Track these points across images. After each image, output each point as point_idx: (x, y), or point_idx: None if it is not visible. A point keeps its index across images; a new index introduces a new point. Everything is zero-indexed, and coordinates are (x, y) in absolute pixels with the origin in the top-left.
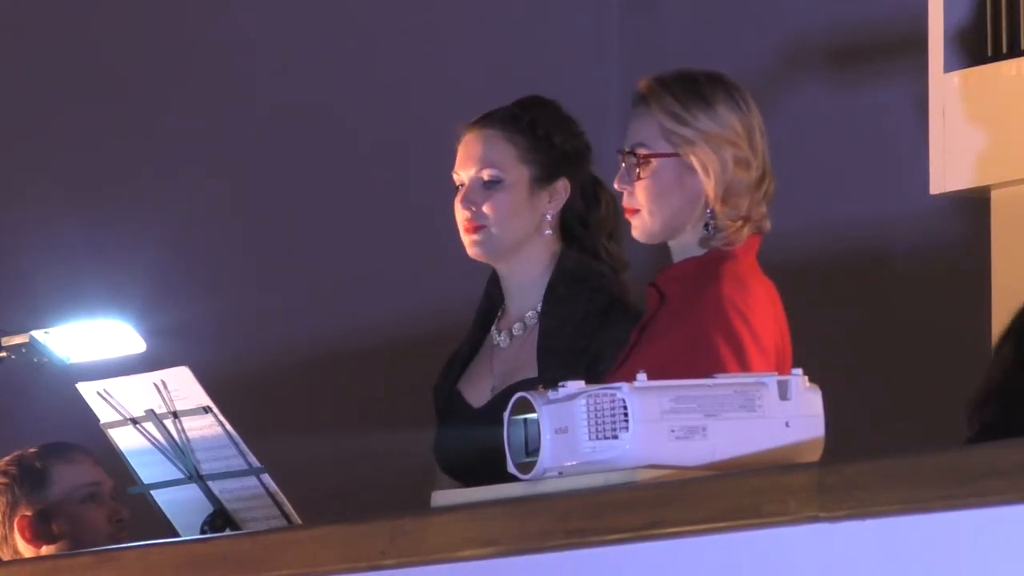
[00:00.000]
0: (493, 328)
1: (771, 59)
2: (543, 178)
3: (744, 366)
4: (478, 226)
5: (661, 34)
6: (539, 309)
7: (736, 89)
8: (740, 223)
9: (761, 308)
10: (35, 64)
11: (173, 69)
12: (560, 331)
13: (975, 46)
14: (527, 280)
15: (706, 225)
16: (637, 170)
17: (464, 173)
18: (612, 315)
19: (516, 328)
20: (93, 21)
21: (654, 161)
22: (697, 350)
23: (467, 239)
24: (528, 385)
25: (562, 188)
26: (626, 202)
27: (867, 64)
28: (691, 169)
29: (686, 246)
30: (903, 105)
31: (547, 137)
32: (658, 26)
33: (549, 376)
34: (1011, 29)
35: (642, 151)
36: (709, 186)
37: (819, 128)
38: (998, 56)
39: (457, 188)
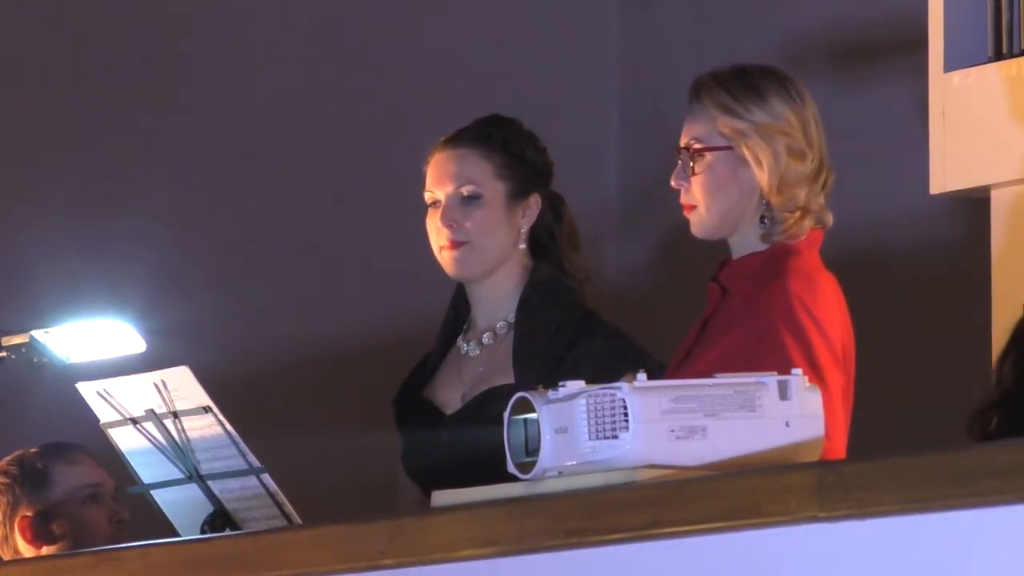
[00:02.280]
0: (460, 339)
1: (771, 59)
2: (518, 193)
3: (811, 361)
4: (460, 242)
5: (661, 34)
6: (510, 319)
7: (789, 81)
8: (798, 214)
9: (828, 303)
10: (35, 64)
11: (173, 69)
12: (534, 340)
13: (975, 46)
14: (500, 293)
15: (763, 218)
16: (692, 165)
17: (440, 191)
18: (587, 327)
19: (486, 337)
20: (93, 21)
21: (708, 155)
22: (763, 345)
23: (448, 257)
24: (501, 391)
25: (534, 203)
26: (683, 199)
27: (867, 64)
28: (745, 162)
29: (746, 241)
30: (903, 105)
31: (520, 154)
32: (658, 26)
33: (525, 384)
34: (1011, 29)
35: (696, 145)
36: (763, 178)
37: None
38: (998, 56)
39: (428, 207)
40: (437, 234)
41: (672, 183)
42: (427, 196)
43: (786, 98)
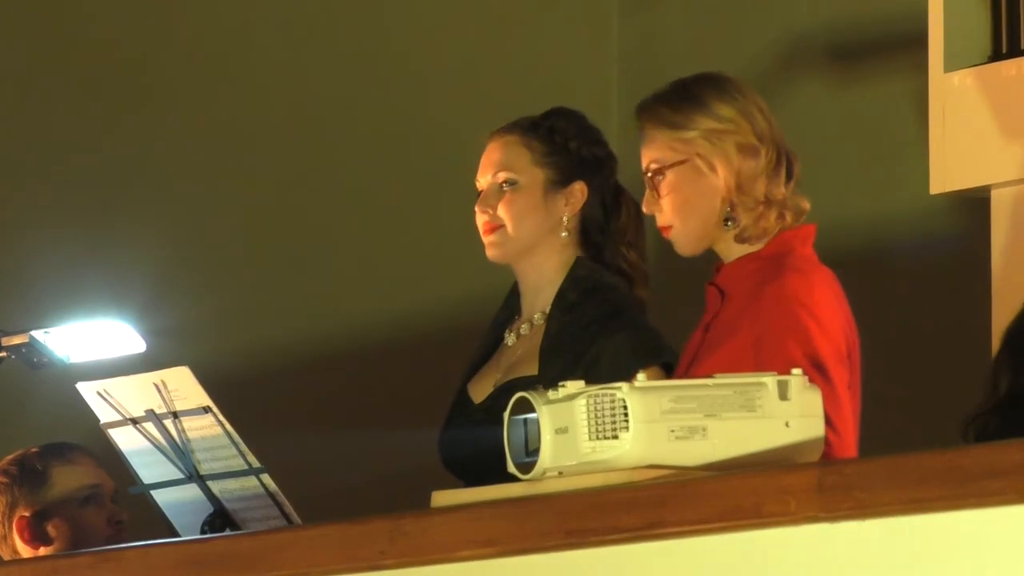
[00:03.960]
0: (506, 331)
1: (771, 59)
2: (558, 181)
3: (814, 360)
4: (494, 227)
5: (661, 34)
6: (547, 311)
7: (727, 81)
8: (761, 208)
9: (826, 299)
10: (34, 64)
11: (173, 69)
12: (563, 333)
13: (975, 46)
14: (541, 281)
15: (727, 219)
16: (657, 188)
17: (483, 179)
18: (616, 323)
19: (524, 328)
20: (92, 21)
21: (669, 174)
22: (765, 348)
23: (485, 241)
24: (526, 382)
25: (579, 191)
26: (659, 222)
27: (867, 64)
28: (703, 171)
29: (731, 245)
30: (903, 104)
31: (564, 143)
32: (658, 26)
33: (548, 375)
34: (1011, 29)
35: (654, 167)
36: (720, 182)
37: (819, 127)
38: (998, 56)
39: (478, 195)
40: (478, 220)
41: (644, 210)
42: (477, 184)
43: (726, 98)
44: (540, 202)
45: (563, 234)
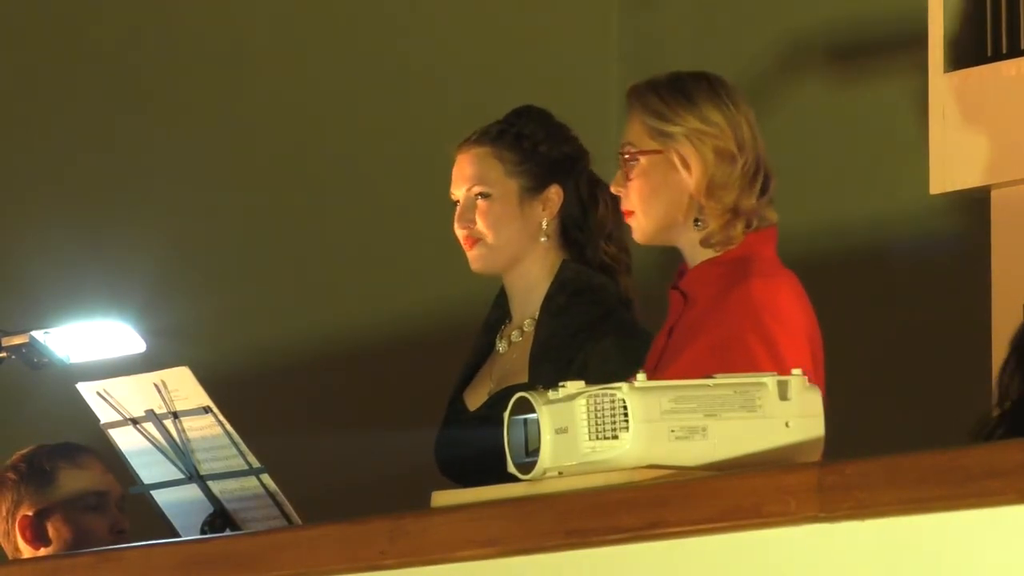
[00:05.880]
0: (497, 336)
1: (771, 59)
2: (533, 188)
3: (779, 363)
4: (475, 240)
5: (661, 34)
6: (536, 317)
7: (722, 86)
8: (728, 216)
9: (789, 303)
10: (35, 65)
11: (172, 69)
12: (553, 341)
13: (975, 46)
14: (528, 287)
15: (696, 220)
16: (627, 171)
17: (458, 192)
18: (603, 327)
19: (515, 335)
20: (91, 22)
21: (642, 160)
22: (730, 350)
23: (469, 255)
24: (518, 391)
25: (554, 195)
26: (623, 205)
27: (867, 63)
28: (676, 166)
29: (694, 246)
30: (903, 104)
31: (533, 147)
32: (658, 26)
33: (537, 383)
34: (1011, 29)
35: (629, 149)
36: (691, 181)
37: (819, 127)
38: (998, 56)
39: (455, 207)
40: (458, 234)
41: (612, 189)
42: (452, 196)
43: (717, 102)
44: (517, 211)
45: (543, 239)
